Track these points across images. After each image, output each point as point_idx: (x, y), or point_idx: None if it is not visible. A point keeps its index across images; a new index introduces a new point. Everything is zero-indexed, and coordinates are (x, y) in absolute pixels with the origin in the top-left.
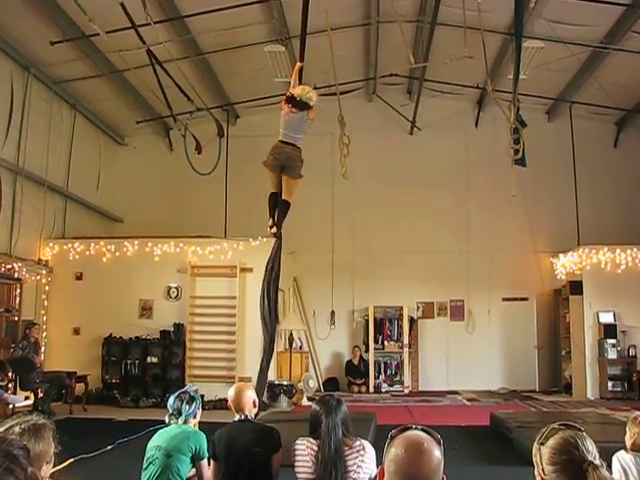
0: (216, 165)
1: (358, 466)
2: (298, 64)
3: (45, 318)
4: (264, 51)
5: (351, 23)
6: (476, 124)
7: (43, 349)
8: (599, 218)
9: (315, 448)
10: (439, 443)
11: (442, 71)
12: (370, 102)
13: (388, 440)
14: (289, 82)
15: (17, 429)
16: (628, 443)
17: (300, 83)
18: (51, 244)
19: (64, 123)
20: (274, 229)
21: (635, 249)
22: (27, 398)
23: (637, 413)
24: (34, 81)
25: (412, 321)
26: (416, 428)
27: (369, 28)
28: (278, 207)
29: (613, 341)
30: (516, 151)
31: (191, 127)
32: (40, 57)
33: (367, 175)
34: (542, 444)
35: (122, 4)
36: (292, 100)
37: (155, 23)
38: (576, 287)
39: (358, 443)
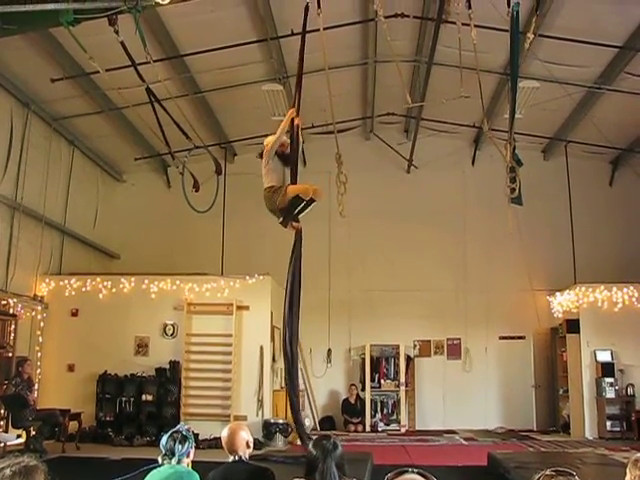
0: (213, 203)
1: None
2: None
3: (39, 354)
4: (262, 90)
5: (349, 62)
6: (473, 162)
7: (36, 386)
8: (595, 256)
9: None
10: None
11: (439, 110)
12: (367, 140)
13: None
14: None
15: (8, 472)
16: None
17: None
18: (47, 280)
19: (62, 159)
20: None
21: (632, 287)
22: (19, 436)
23: (638, 455)
24: (34, 117)
25: (409, 359)
26: (412, 471)
27: (366, 67)
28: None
29: (611, 380)
30: (512, 190)
31: (189, 165)
32: (40, 94)
33: (364, 213)
34: None
35: (122, 42)
36: None
37: (155, 61)
38: (573, 325)
39: None
